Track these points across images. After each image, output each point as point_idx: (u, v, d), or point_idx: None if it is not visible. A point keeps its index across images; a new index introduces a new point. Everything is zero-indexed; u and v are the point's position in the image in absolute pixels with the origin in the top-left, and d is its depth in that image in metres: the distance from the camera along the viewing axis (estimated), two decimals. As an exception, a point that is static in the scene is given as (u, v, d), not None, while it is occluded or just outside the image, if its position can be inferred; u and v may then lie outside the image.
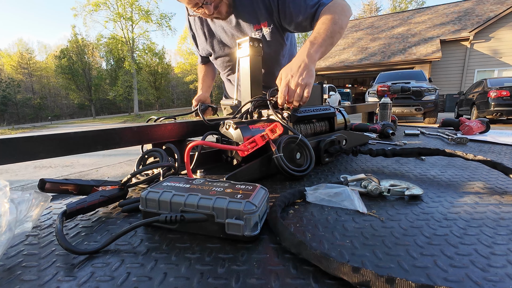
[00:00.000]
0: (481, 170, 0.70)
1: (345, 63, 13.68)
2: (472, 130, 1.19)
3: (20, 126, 20.86)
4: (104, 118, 26.28)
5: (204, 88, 1.37)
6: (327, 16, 0.86)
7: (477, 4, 14.22)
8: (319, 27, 0.84)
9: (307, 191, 0.53)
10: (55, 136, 0.59)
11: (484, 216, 0.45)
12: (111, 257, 0.35)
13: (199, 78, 1.45)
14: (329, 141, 0.79)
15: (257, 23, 1.04)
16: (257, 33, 1.06)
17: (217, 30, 1.13)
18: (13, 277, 0.32)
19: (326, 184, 0.56)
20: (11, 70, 34.59)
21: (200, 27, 1.18)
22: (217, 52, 1.20)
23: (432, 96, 6.98)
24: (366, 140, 1.08)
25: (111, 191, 0.51)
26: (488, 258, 0.33)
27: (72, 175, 3.85)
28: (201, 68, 1.44)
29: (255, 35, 1.06)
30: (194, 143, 0.59)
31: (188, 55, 30.91)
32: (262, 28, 1.05)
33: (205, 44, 1.21)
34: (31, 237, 0.42)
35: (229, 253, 0.36)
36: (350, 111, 1.60)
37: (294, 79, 0.71)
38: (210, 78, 1.43)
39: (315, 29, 0.85)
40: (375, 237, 0.39)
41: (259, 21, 1.04)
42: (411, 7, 28.32)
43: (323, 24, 0.84)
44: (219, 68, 1.32)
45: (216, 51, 1.20)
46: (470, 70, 12.34)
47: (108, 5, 22.40)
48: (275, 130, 0.61)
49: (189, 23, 1.24)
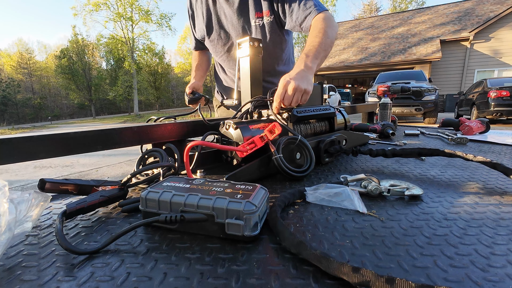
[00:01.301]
0: (481, 170, 0.70)
1: (345, 63, 13.69)
2: (472, 130, 1.19)
3: (20, 126, 20.87)
4: (104, 118, 26.29)
5: (197, 77, 1.34)
6: (320, 28, 0.89)
7: (477, 4, 14.23)
8: (313, 40, 0.87)
9: (307, 191, 0.53)
10: (55, 136, 0.59)
11: (484, 216, 0.45)
12: (111, 257, 0.35)
13: (192, 66, 1.43)
14: (329, 141, 0.79)
15: (259, 10, 1.04)
16: (257, 21, 1.06)
17: (217, 10, 1.13)
18: (13, 277, 0.32)
19: (326, 184, 0.56)
20: (11, 70, 34.59)
21: (200, 5, 1.17)
22: (213, 34, 1.19)
23: (432, 96, 6.98)
24: (366, 140, 1.08)
25: (111, 191, 0.51)
26: (488, 258, 0.33)
27: (72, 175, 3.85)
28: (195, 56, 1.42)
29: (254, 23, 1.06)
30: (194, 143, 0.59)
31: (188, 55, 30.92)
32: (264, 16, 1.05)
33: (202, 24, 1.20)
34: (31, 237, 0.42)
35: (229, 253, 0.36)
36: (350, 111, 1.60)
37: (291, 84, 0.71)
38: (204, 68, 1.41)
39: (309, 42, 0.88)
40: (375, 237, 0.39)
41: (261, 9, 1.04)
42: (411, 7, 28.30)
43: (317, 37, 0.86)
44: (213, 52, 1.28)
45: (212, 32, 1.19)
46: (470, 70, 12.34)
47: (108, 5, 22.40)
48: (274, 130, 0.61)
49: (189, 1, 1.23)
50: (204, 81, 1.45)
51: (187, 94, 1.24)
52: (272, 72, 1.22)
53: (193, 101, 1.20)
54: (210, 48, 1.28)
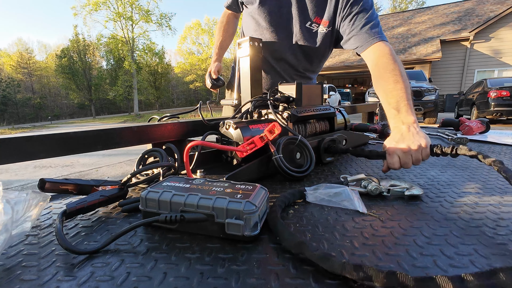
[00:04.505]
0: (481, 170, 0.70)
1: (345, 63, 13.69)
2: (472, 130, 1.19)
3: (20, 126, 20.87)
4: (104, 118, 26.30)
5: (220, 53, 1.25)
6: (392, 69, 0.76)
7: (477, 4, 14.23)
8: (393, 86, 0.73)
9: (307, 191, 0.53)
10: (55, 136, 0.59)
11: (484, 216, 0.45)
12: (111, 257, 0.35)
13: (217, 36, 1.27)
14: (329, 140, 0.79)
15: (319, 17, 0.97)
16: (314, 26, 0.99)
17: None
18: (13, 277, 0.32)
19: (326, 184, 0.56)
20: (10, 70, 34.56)
21: None
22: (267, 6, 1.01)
23: (432, 96, 6.98)
24: (366, 140, 1.08)
25: (111, 191, 0.51)
26: (488, 258, 0.33)
27: (72, 175, 3.85)
28: (223, 21, 1.24)
29: (309, 26, 0.99)
30: (193, 143, 0.59)
31: (188, 55, 30.92)
32: (320, 25, 0.98)
33: None
34: (31, 236, 0.42)
35: (229, 253, 0.36)
36: (350, 111, 1.60)
37: (403, 155, 0.61)
38: (229, 39, 1.27)
39: (390, 91, 0.73)
40: (375, 237, 0.39)
41: (322, 16, 0.97)
42: (411, 7, 28.33)
43: (397, 83, 0.73)
44: (262, 19, 1.03)
45: (266, 4, 1.01)
46: (470, 70, 12.34)
47: (108, 5, 22.40)
48: (274, 130, 0.61)
49: None
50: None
51: (211, 77, 1.18)
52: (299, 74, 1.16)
53: (216, 86, 1.16)
54: (256, 14, 1.05)
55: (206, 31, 30.51)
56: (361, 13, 0.89)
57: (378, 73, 0.79)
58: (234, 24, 1.29)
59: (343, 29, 0.95)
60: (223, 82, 1.19)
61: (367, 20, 0.88)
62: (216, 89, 1.19)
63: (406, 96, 0.71)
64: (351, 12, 0.91)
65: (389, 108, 0.72)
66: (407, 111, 0.69)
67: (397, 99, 0.71)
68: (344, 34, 0.95)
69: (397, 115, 0.69)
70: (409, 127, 0.65)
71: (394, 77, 0.74)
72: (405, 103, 0.70)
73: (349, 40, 0.93)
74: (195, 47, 31.37)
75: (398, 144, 0.62)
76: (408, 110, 0.69)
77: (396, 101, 0.71)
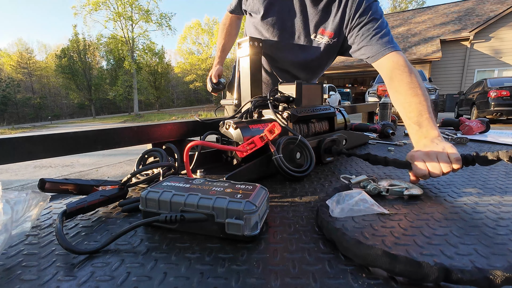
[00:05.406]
0: (481, 170, 0.70)
1: (345, 63, 13.68)
2: (472, 130, 1.19)
3: (20, 126, 20.85)
4: (104, 118, 26.25)
5: (222, 55, 1.26)
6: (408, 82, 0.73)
7: (477, 4, 14.22)
8: (412, 100, 0.70)
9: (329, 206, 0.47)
10: (55, 136, 0.59)
11: (484, 216, 0.45)
12: (111, 257, 0.35)
13: (219, 39, 1.27)
14: (329, 140, 0.79)
15: (324, 28, 0.95)
16: (318, 37, 0.96)
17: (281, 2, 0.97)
18: (13, 277, 0.32)
19: (339, 193, 0.51)
20: (10, 69, 34.54)
21: None
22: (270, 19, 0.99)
23: (432, 96, 6.97)
24: (366, 140, 1.08)
25: (111, 191, 0.51)
26: (488, 258, 0.33)
27: (72, 174, 3.85)
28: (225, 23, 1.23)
29: (313, 38, 0.97)
30: (194, 143, 0.59)
31: (188, 55, 30.90)
32: (325, 36, 0.95)
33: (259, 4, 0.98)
34: (31, 236, 0.42)
35: (229, 253, 0.36)
36: (350, 111, 1.60)
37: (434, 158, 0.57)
38: (231, 41, 1.27)
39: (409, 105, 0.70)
40: (375, 237, 0.39)
41: (326, 27, 0.95)
42: (411, 7, 28.31)
43: (416, 95, 0.70)
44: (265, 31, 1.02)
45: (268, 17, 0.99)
46: (470, 70, 12.34)
47: (108, 5, 22.39)
48: (274, 130, 0.61)
49: None
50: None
51: (212, 81, 1.18)
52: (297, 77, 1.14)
53: (217, 90, 1.19)
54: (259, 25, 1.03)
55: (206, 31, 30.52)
56: (371, 23, 0.87)
57: (394, 87, 0.76)
58: (237, 25, 1.29)
59: (352, 39, 0.92)
60: (224, 85, 1.21)
61: (378, 30, 0.85)
62: (217, 92, 1.20)
63: (427, 109, 0.67)
64: (360, 22, 0.88)
65: (409, 123, 0.68)
66: (429, 124, 0.65)
67: (418, 114, 0.67)
68: (353, 44, 0.93)
69: (419, 130, 0.66)
70: (432, 139, 0.61)
71: (412, 90, 0.71)
72: (427, 116, 0.66)
73: (359, 50, 0.91)
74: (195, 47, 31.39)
75: (422, 150, 0.59)
76: (430, 123, 0.65)
77: (416, 116, 0.67)
